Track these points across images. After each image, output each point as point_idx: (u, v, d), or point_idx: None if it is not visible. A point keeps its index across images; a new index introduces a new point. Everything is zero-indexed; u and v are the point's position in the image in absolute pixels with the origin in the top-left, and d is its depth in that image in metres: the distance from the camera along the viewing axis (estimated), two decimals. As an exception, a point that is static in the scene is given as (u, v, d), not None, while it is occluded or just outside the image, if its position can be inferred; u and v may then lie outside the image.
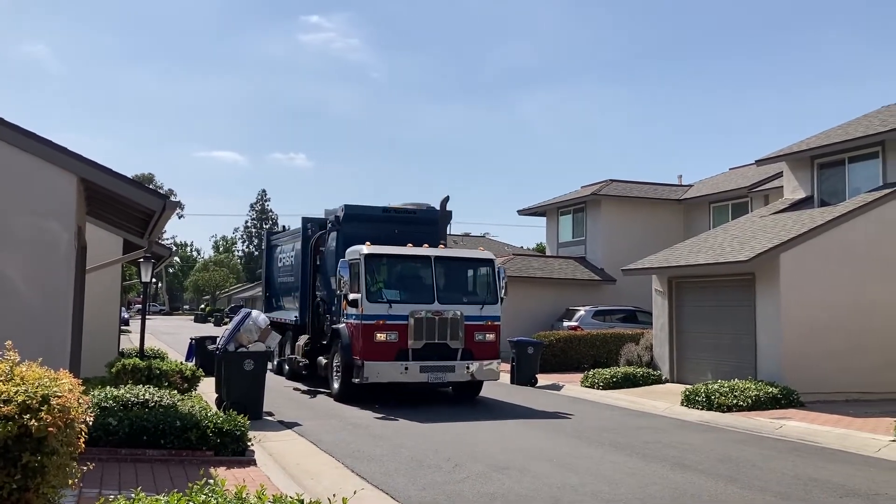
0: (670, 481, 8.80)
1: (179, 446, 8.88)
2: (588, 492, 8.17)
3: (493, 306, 15.50)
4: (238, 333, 13.22)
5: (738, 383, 14.95)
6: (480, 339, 15.17)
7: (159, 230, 12.87)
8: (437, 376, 14.79)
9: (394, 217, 17.01)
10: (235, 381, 12.75)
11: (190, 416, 9.33)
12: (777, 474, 9.30)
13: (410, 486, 8.35)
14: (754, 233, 18.17)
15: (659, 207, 28.82)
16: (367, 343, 14.46)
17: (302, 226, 18.71)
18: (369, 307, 14.64)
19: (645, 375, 18.75)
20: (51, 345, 8.55)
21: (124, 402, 9.91)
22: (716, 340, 17.95)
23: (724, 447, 11.07)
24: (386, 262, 15.34)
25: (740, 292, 17.22)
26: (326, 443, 10.99)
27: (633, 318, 24.68)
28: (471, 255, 16.35)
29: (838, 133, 19.35)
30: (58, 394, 4.58)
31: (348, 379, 14.83)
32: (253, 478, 8.03)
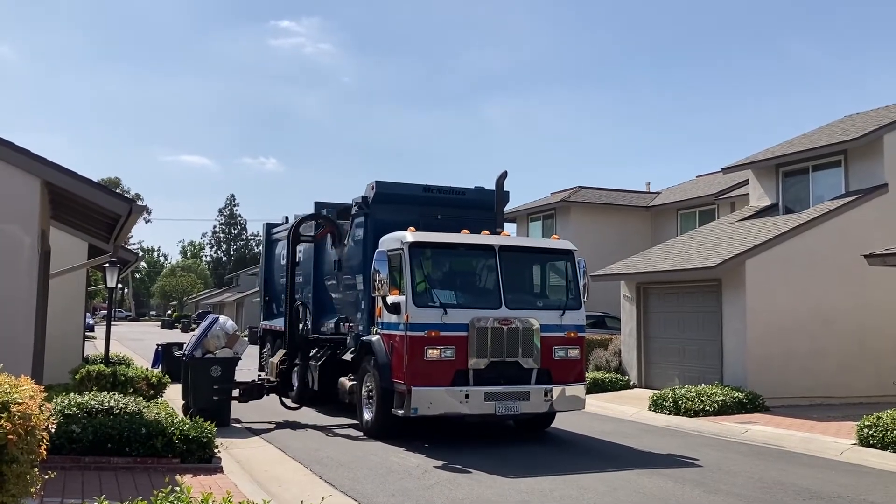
0: (638, 485, 8.86)
1: (145, 454, 8.76)
2: (557, 497, 8.20)
3: (576, 312, 12.04)
4: (205, 339, 13.09)
5: (705, 388, 15.12)
6: (562, 357, 11.73)
7: (125, 235, 12.70)
8: (508, 406, 11.25)
9: (437, 198, 13.69)
10: (202, 388, 12.63)
11: (156, 423, 9.20)
12: (742, 478, 9.42)
13: (379, 493, 8.31)
14: (721, 239, 18.42)
15: (627, 214, 29.08)
16: (416, 362, 10.99)
17: (315, 211, 15.61)
18: (417, 313, 11.13)
19: (613, 381, 18.89)
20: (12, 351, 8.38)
21: (88, 409, 9.74)
22: (683, 346, 18.14)
23: (691, 451, 11.19)
24: (436, 254, 11.95)
25: (707, 298, 17.44)
26: (294, 449, 10.90)
27: (601, 323, 24.85)
28: (546, 244, 13.19)
29: (802, 142, 19.72)
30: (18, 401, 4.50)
31: (386, 409, 11.44)
32: (220, 485, 7.94)
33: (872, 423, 11.16)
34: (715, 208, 26.18)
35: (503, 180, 13.22)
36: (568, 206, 28.47)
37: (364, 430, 12.19)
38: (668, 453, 11.07)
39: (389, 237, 12.11)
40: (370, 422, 12.00)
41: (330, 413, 14.51)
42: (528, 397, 11.41)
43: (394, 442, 11.38)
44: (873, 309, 16.81)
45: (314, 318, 15.65)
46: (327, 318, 15.26)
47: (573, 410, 12.16)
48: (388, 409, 11.43)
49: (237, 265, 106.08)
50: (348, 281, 14.18)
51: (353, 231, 14.04)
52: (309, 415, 14.45)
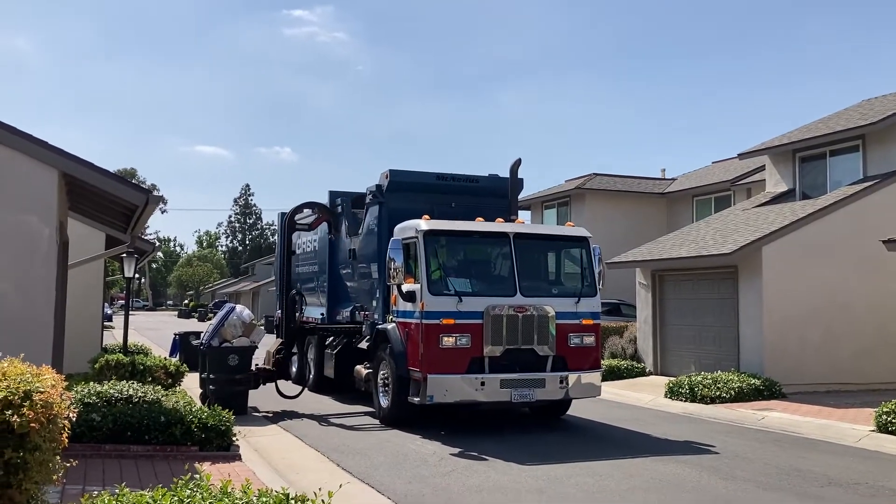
0: (654, 472, 8.85)
1: (164, 442, 8.84)
2: (573, 484, 8.21)
3: (591, 300, 12.06)
4: (222, 328, 13.16)
5: (721, 375, 15.06)
6: (577, 344, 11.75)
7: (142, 225, 12.78)
8: (523, 394, 11.34)
9: (451, 186, 13.71)
10: (220, 376, 12.71)
11: (174, 411, 9.28)
12: (759, 465, 9.38)
13: (396, 480, 8.36)
14: (737, 226, 18.29)
15: (642, 201, 28.94)
16: (431, 350, 11.06)
17: (329, 200, 15.66)
18: (432, 301, 11.19)
19: (629, 368, 18.87)
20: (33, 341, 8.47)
21: (108, 398, 9.84)
22: (699, 333, 18.07)
23: (707, 438, 11.16)
24: (451, 242, 11.99)
25: (723, 285, 17.34)
26: (311, 437, 10.97)
27: (616, 311, 24.77)
28: (561, 231, 13.14)
29: (819, 127, 19.51)
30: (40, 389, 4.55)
31: (402, 397, 11.51)
32: (238, 472, 8.01)
33: (891, 410, 11.09)
34: (731, 194, 25.99)
35: (517, 167, 13.20)
36: (583, 193, 28.36)
37: (380, 417, 12.23)
38: (685, 440, 11.06)
39: (404, 225, 12.15)
40: (386, 409, 12.03)
41: (346, 401, 14.58)
42: (543, 384, 11.45)
43: (410, 429, 11.43)
44: (891, 295, 16.66)
45: (329, 307, 15.77)
46: (342, 307, 15.33)
47: (589, 397, 12.20)
48: (403, 396, 11.47)
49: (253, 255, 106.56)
50: (363, 269, 14.21)
51: (367, 220, 14.07)
52: (325, 402, 14.54)
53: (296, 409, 13.48)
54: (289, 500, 5.04)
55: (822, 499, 7.72)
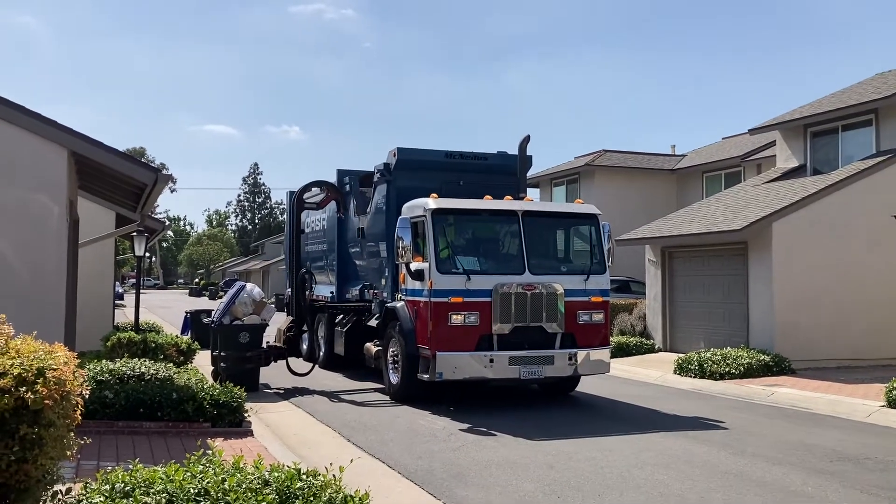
0: (663, 447, 8.88)
1: (176, 418, 8.92)
2: (582, 458, 8.26)
3: (600, 277, 12.06)
4: (233, 306, 13.23)
5: (731, 351, 15.05)
6: (586, 321, 11.77)
7: (151, 204, 12.82)
8: (532, 370, 11.38)
9: (459, 164, 13.68)
10: (231, 354, 12.79)
11: (186, 388, 9.35)
12: (769, 440, 9.40)
13: (406, 455, 8.42)
14: (747, 202, 18.19)
15: (652, 177, 28.79)
16: (440, 328, 11.14)
17: (337, 179, 15.57)
18: (440, 280, 11.24)
19: (638, 345, 18.89)
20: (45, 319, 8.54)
21: (120, 376, 9.92)
22: (708, 309, 18.04)
23: (717, 414, 11.18)
24: (459, 221, 12.03)
25: (733, 262, 17.28)
26: (322, 413, 11.04)
27: (626, 288, 24.76)
28: (570, 209, 13.08)
29: (831, 101, 19.31)
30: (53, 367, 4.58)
31: (411, 374, 11.59)
32: (250, 448, 8.08)
33: (901, 385, 11.06)
34: (741, 170, 25.83)
35: (526, 144, 13.14)
36: (592, 170, 28.23)
37: (390, 394, 12.32)
38: (694, 416, 11.08)
39: (412, 204, 12.14)
40: (396, 386, 12.12)
41: (356, 378, 14.68)
42: (552, 361, 11.50)
43: (419, 406, 11.50)
44: (903, 270, 16.56)
45: (339, 286, 15.85)
46: (352, 285, 15.39)
47: (598, 374, 12.29)
48: (413, 373, 11.56)
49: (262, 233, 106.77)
50: (372, 248, 14.24)
51: (375, 198, 14.06)
52: (335, 379, 14.63)
53: (307, 385, 13.57)
54: (300, 474, 5.09)
55: (832, 474, 7.73)
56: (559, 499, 6.80)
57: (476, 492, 7.00)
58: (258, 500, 4.59)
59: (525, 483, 7.29)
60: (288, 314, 15.22)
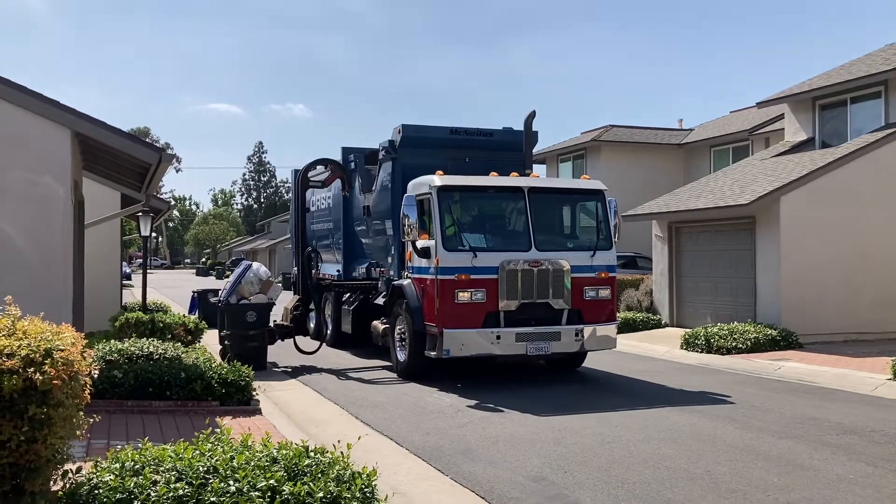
0: (670, 422, 8.92)
1: (185, 397, 8.99)
2: (589, 434, 8.30)
3: (606, 253, 12.13)
4: (239, 286, 13.27)
5: (738, 326, 15.06)
6: (592, 297, 11.86)
7: (156, 184, 12.82)
8: (539, 346, 11.49)
9: (465, 140, 13.71)
10: (239, 333, 12.85)
11: (194, 367, 9.42)
12: (775, 414, 9.43)
13: (414, 432, 8.48)
14: (755, 176, 18.10)
15: (659, 152, 28.65)
16: (447, 305, 11.22)
17: (342, 157, 15.72)
18: (447, 257, 11.31)
19: (645, 320, 18.92)
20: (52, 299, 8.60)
21: (129, 355, 9.99)
22: (715, 284, 18.02)
23: (723, 389, 11.21)
24: (465, 198, 12.05)
25: (741, 236, 17.23)
26: (330, 391, 11.11)
27: (633, 263, 24.73)
28: (576, 185, 13.06)
29: (840, 73, 19.12)
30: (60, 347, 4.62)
31: (418, 351, 11.70)
32: (258, 426, 8.15)
33: (909, 359, 11.05)
34: (749, 144, 25.69)
35: (531, 120, 13.10)
36: (598, 145, 28.10)
37: (397, 371, 12.42)
38: (701, 391, 11.11)
39: (418, 181, 12.18)
40: (403, 363, 12.22)
41: (363, 356, 14.75)
42: (558, 337, 11.59)
43: (427, 383, 11.58)
44: (912, 243, 16.49)
45: (345, 264, 15.91)
46: (358, 264, 15.43)
47: (604, 350, 12.35)
48: (420, 351, 11.64)
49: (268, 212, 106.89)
50: (378, 226, 14.26)
51: (380, 176, 14.06)
52: (343, 357, 14.70)
53: (314, 364, 13.64)
54: (308, 452, 5.13)
55: (838, 447, 7.76)
56: (566, 473, 6.85)
57: (484, 467, 7.06)
58: (266, 477, 4.64)
59: (532, 458, 7.34)
60: (294, 293, 15.27)
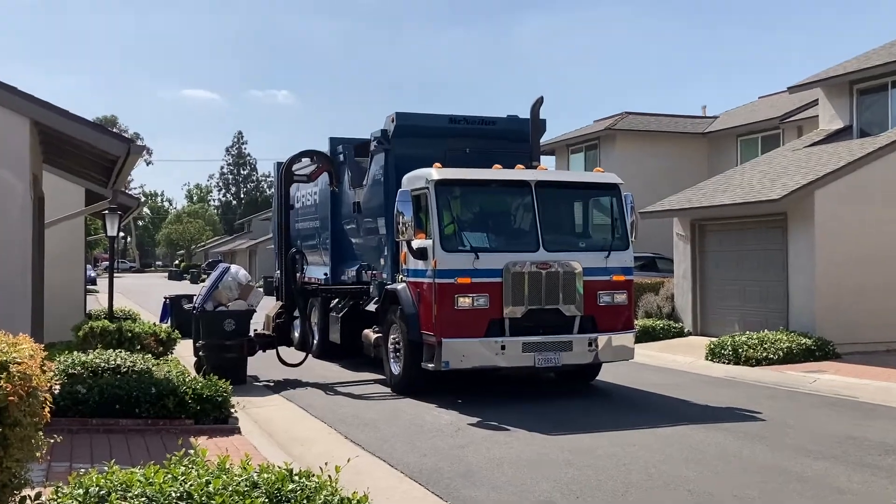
0: (693, 441, 8.92)
1: (156, 415, 8.98)
2: (603, 455, 8.29)
3: (622, 253, 12.08)
4: (216, 291, 13.27)
5: (768, 335, 15.07)
6: (607, 302, 11.82)
7: (124, 178, 12.82)
8: (548, 357, 11.39)
9: (465, 129, 13.68)
10: (215, 343, 12.84)
11: (166, 381, 9.41)
12: (810, 432, 9.43)
13: (409, 453, 8.47)
14: (786, 168, 18.12)
15: (681, 142, 28.68)
16: (446, 311, 11.16)
17: (330, 148, 15.76)
18: (445, 259, 11.27)
19: (665, 328, 18.94)
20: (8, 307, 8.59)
21: (94, 369, 9.99)
22: (743, 288, 18.03)
23: (753, 404, 11.21)
24: (465, 193, 12.09)
25: (771, 235, 17.24)
26: (316, 407, 11.11)
27: (652, 265, 24.74)
28: (589, 178, 12.91)
29: (880, 54, 19.14)
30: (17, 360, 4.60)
31: (414, 363, 11.65)
32: (237, 447, 8.14)
33: (958, 370, 11.05)
34: (780, 133, 25.71)
35: (539, 107, 13.13)
36: (613, 134, 28.12)
37: (391, 385, 12.42)
38: (727, 406, 11.12)
39: (413, 175, 12.19)
40: (397, 377, 12.23)
41: (353, 368, 14.76)
42: (570, 347, 11.54)
43: (424, 398, 11.57)
44: (960, 243, 16.48)
45: (333, 267, 15.93)
46: (348, 266, 15.45)
47: (620, 361, 12.35)
48: (416, 362, 11.63)
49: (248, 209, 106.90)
50: (369, 224, 14.28)
51: (372, 169, 14.09)
52: (331, 370, 14.70)
53: (299, 377, 13.64)
54: (292, 475, 5.12)
55: (880, 468, 7.76)
56: (577, 499, 6.85)
57: (487, 492, 7.06)
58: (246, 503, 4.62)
59: (540, 482, 7.34)
60: (277, 299, 15.28)
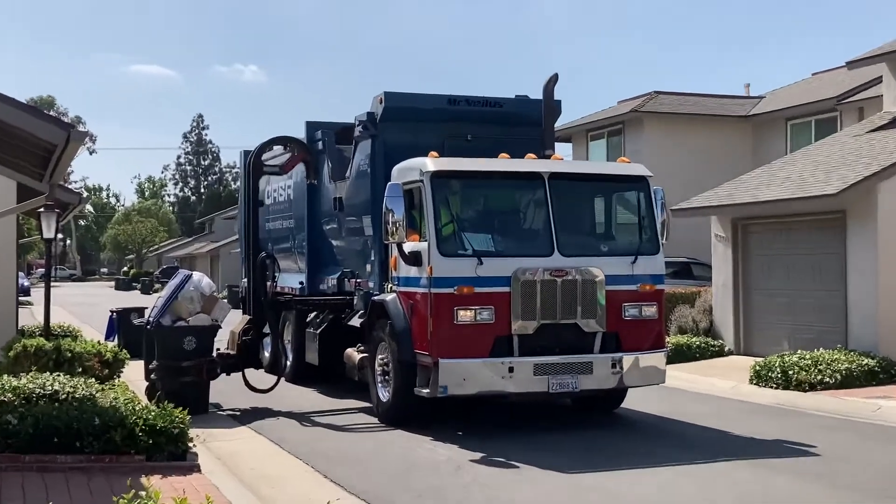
0: (735, 480, 8.94)
1: (100, 450, 8.96)
2: (631, 499, 8.28)
3: (652, 258, 12.03)
4: (175, 302, 13.24)
5: (823, 354, 15.08)
6: (634, 316, 11.74)
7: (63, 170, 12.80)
8: (564, 382, 11.26)
9: (467, 112, 13.63)
10: (172, 365, 12.82)
11: (113, 410, 9.40)
12: (872, 469, 9.44)
13: (401, 494, 8.46)
14: (844, 158, 18.16)
15: (720, 127, 28.72)
16: (443, 327, 11.09)
17: (307, 134, 15.64)
18: (443, 264, 11.23)
19: (702, 346, 18.94)
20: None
21: (27, 395, 9.96)
22: (794, 299, 18.04)
23: (806, 436, 11.21)
24: (467, 187, 12.11)
25: (827, 237, 17.26)
26: (291, 441, 11.11)
27: (686, 272, 24.80)
28: (612, 170, 13.00)
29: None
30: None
31: (406, 388, 11.56)
32: (196, 487, 8.13)
33: None
34: (837, 116, 25.76)
35: (553, 86, 13.10)
36: (640, 117, 28.17)
37: (378, 415, 12.44)
38: (776, 439, 11.13)
39: (405, 166, 12.21)
40: (386, 404, 12.23)
41: (334, 394, 14.77)
42: (590, 370, 11.49)
43: (417, 429, 11.56)
44: None
45: (310, 274, 15.90)
46: (328, 273, 15.44)
47: (649, 385, 12.33)
48: (408, 387, 11.59)
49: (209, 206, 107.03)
50: (353, 224, 14.28)
51: (356, 159, 14.09)
52: (307, 396, 14.71)
53: (270, 405, 13.63)
54: (261, 522, 5.11)
55: (956, 512, 7.76)
56: (600, 549, 6.84)
57: (492, 541, 7.04)
58: (207, 555, 4.61)
59: (556, 529, 7.33)
60: (244, 312, 15.25)
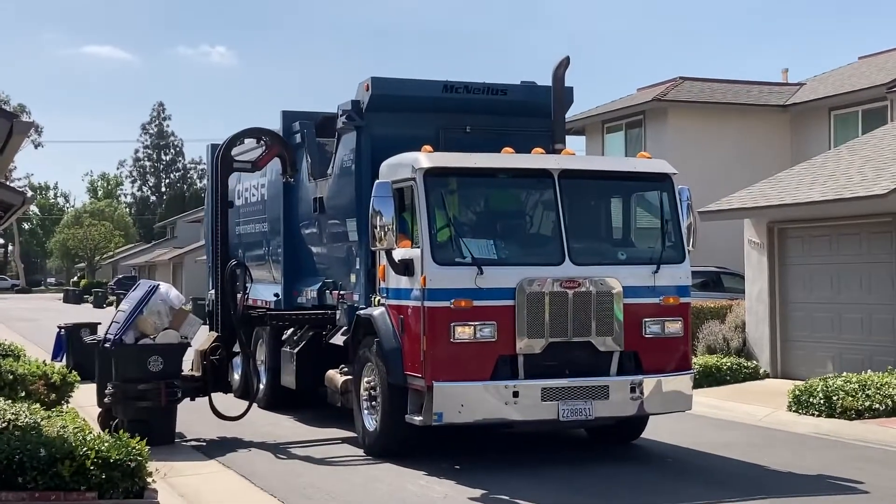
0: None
1: (46, 486, 8.93)
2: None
3: (676, 267, 12.07)
4: (140, 317, 13.18)
5: (873, 377, 15.10)
6: (656, 333, 11.77)
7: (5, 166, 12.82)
8: (577, 408, 11.23)
9: (466, 101, 13.67)
10: (130, 389, 12.79)
11: (61, 441, 9.38)
12: (929, 509, 9.46)
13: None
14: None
15: (754, 117, 28.78)
16: (439, 345, 11.07)
17: (283, 126, 15.86)
18: (438, 274, 11.20)
19: (734, 368, 18.94)
20: None
21: (-38, 423, 9.97)
22: (839, 314, 18.07)
23: (852, 471, 11.22)
24: (465, 185, 12.12)
25: (876, 243, 17.30)
26: (263, 475, 11.11)
27: (716, 283, 24.85)
28: (630, 166, 13.02)
29: None
30: None
31: (396, 416, 11.61)
32: (156, 530, 8.13)
33: None
34: (887, 106, 25.81)
35: (564, 71, 13.07)
36: (664, 107, 28.22)
37: (364, 446, 12.47)
38: (818, 474, 11.13)
39: (395, 161, 12.22)
40: (374, 434, 12.25)
41: (313, 422, 14.79)
42: (606, 394, 11.48)
43: (409, 463, 11.57)
44: None
45: (287, 285, 15.90)
46: (307, 284, 15.44)
47: (674, 412, 12.32)
48: (399, 414, 11.62)
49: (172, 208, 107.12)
50: (335, 228, 14.29)
51: (339, 154, 14.09)
52: (283, 424, 14.71)
53: (240, 434, 13.65)
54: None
55: None
56: None
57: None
58: None
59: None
60: (211, 328, 15.24)
